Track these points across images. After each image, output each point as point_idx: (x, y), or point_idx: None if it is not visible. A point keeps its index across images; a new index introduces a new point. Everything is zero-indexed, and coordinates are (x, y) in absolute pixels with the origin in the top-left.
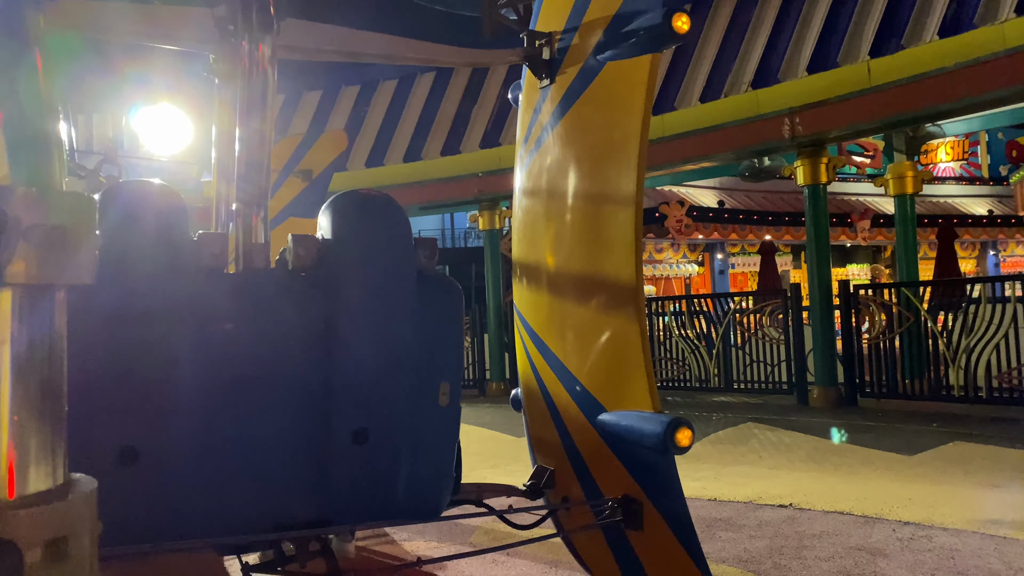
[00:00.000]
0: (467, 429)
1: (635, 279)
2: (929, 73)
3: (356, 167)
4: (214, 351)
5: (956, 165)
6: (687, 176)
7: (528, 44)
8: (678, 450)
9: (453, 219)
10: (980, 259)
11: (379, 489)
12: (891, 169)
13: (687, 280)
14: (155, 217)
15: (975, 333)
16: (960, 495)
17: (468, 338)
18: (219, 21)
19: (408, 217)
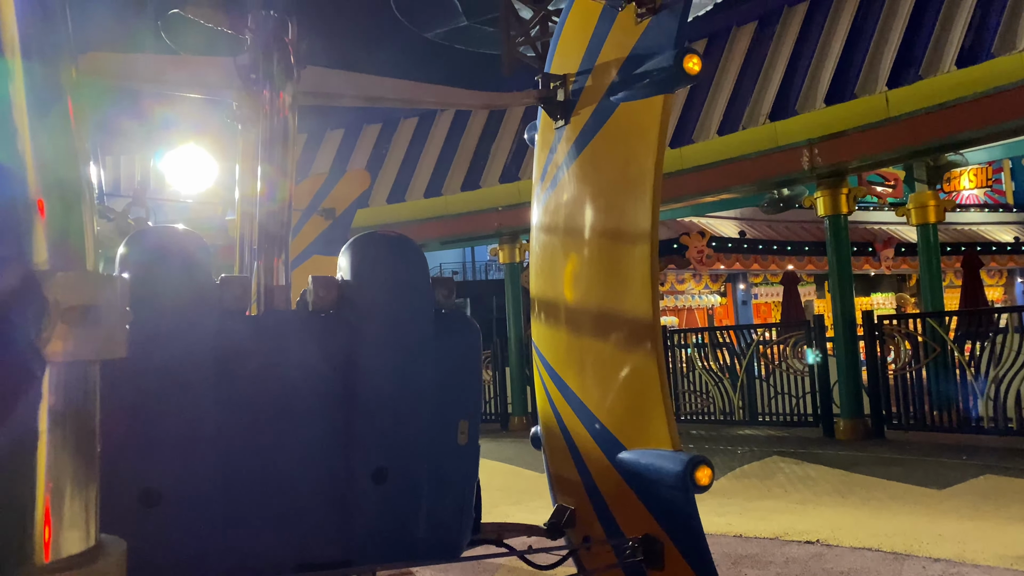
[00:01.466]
0: (489, 464)
1: (652, 314)
2: (948, 103)
3: (378, 203)
4: (236, 392)
5: (980, 192)
6: (708, 207)
7: (543, 86)
8: (698, 489)
9: (474, 252)
10: (1008, 287)
11: (399, 529)
12: (913, 199)
13: (710, 311)
14: (179, 261)
15: (1003, 363)
16: (992, 530)
17: (490, 372)
18: (241, 69)
19: (425, 256)
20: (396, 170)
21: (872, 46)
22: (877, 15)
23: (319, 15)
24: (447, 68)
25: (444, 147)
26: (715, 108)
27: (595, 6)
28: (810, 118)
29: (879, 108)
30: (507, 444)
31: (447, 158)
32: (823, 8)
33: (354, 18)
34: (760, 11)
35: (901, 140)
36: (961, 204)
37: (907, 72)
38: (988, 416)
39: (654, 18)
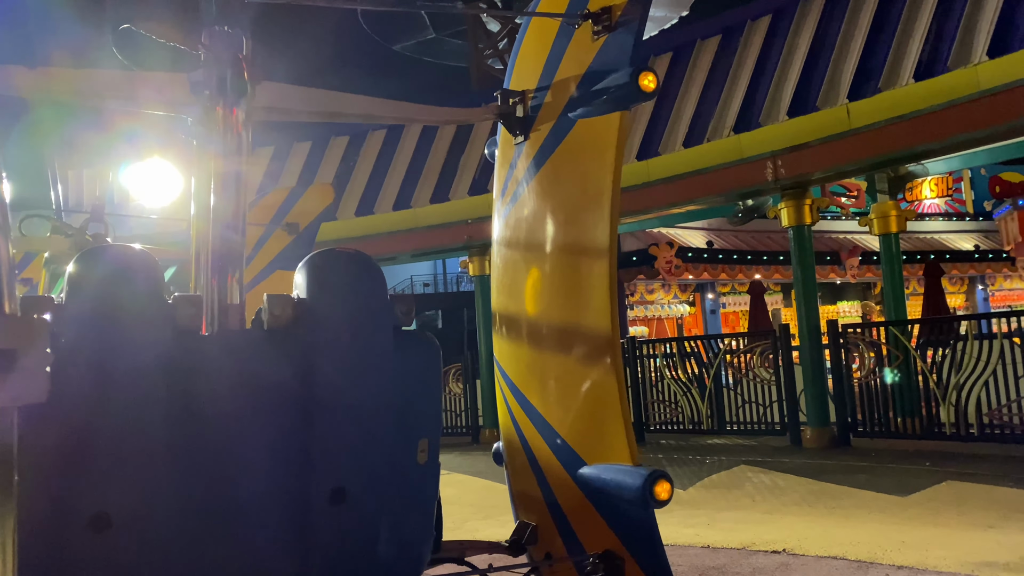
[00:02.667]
0: (461, 478)
1: (611, 329)
2: (906, 115)
3: (346, 216)
4: (188, 413)
5: (941, 201)
6: (676, 218)
7: (502, 102)
8: (657, 504)
9: (445, 264)
10: (969, 294)
11: (358, 550)
12: (874, 209)
13: (679, 320)
14: (129, 280)
15: (964, 370)
16: (954, 537)
17: (460, 384)
18: (195, 86)
19: (383, 273)
20: (365, 183)
21: (833, 60)
22: (838, 29)
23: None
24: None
25: (413, 159)
26: (681, 121)
27: (553, 23)
28: (773, 130)
29: (840, 120)
30: (478, 458)
31: (416, 170)
32: (785, 22)
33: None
34: (724, 25)
35: (862, 152)
36: (923, 213)
37: (867, 85)
38: (950, 422)
39: (610, 35)
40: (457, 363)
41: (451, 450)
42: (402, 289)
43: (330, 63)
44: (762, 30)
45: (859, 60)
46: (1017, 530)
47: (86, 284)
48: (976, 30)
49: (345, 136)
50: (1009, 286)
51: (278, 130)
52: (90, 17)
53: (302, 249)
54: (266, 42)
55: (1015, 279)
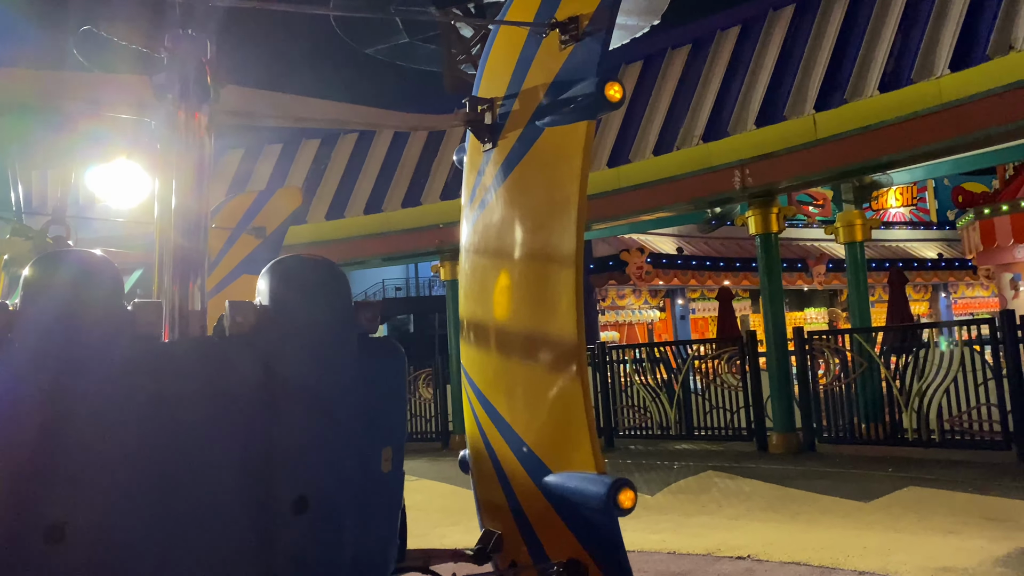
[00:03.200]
0: (429, 484)
1: (577, 337)
2: (871, 126)
3: (316, 219)
4: (148, 422)
5: (906, 210)
6: (646, 224)
7: (471, 109)
8: (621, 512)
9: (417, 268)
10: (932, 301)
11: (320, 559)
12: (840, 218)
13: (649, 326)
14: (86, 287)
15: (926, 377)
16: (914, 542)
17: (431, 389)
18: (157, 89)
19: (347, 279)
20: (336, 186)
21: (800, 70)
22: (805, 40)
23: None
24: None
25: (385, 163)
26: (651, 128)
27: (522, 31)
28: (741, 139)
29: (807, 130)
30: (448, 463)
31: (388, 174)
32: (754, 33)
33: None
34: (694, 35)
35: (828, 161)
36: (888, 222)
37: (833, 96)
38: (912, 429)
39: (577, 45)
40: (428, 368)
41: (420, 456)
42: (373, 293)
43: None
44: (731, 41)
45: (826, 71)
46: (976, 535)
47: (42, 290)
48: (939, 44)
49: (316, 139)
50: (971, 294)
51: (248, 132)
52: (51, 18)
53: (269, 253)
54: (233, 45)
55: (977, 287)
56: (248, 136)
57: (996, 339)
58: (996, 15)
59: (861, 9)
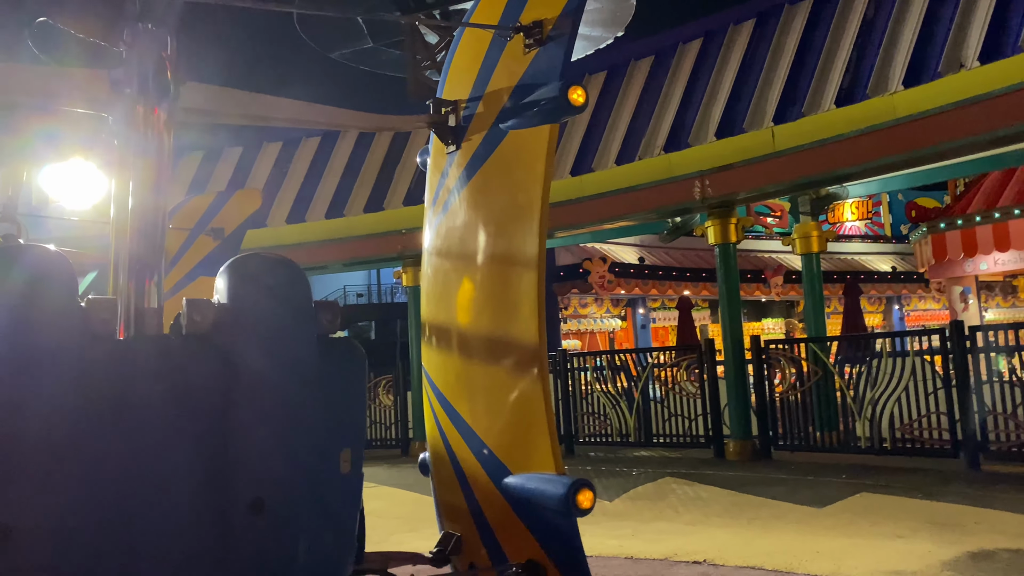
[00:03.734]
0: (389, 491)
1: (538, 341)
2: (828, 139)
3: (277, 223)
4: (101, 421)
5: (861, 224)
6: (609, 233)
7: (435, 111)
8: (579, 512)
9: (379, 275)
10: (886, 313)
11: (277, 561)
12: (797, 229)
13: (611, 334)
14: (39, 283)
15: (879, 386)
16: (866, 547)
17: (391, 396)
18: (115, 84)
19: (308, 279)
20: (297, 189)
21: (760, 84)
22: (764, 55)
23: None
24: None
25: (347, 167)
26: (614, 138)
27: (486, 34)
28: (702, 151)
29: (766, 143)
30: (408, 470)
31: (350, 179)
32: (715, 46)
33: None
34: (656, 46)
35: (785, 173)
36: (844, 235)
37: (792, 109)
38: (865, 436)
39: (541, 49)
40: (388, 375)
41: (380, 462)
42: (334, 299)
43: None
44: (693, 53)
45: (784, 85)
46: (925, 540)
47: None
48: (893, 61)
49: (278, 142)
50: (923, 306)
51: (208, 135)
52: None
53: (227, 255)
54: (194, 42)
55: (929, 300)
56: (207, 138)
57: (946, 349)
58: (948, 34)
59: (819, 25)
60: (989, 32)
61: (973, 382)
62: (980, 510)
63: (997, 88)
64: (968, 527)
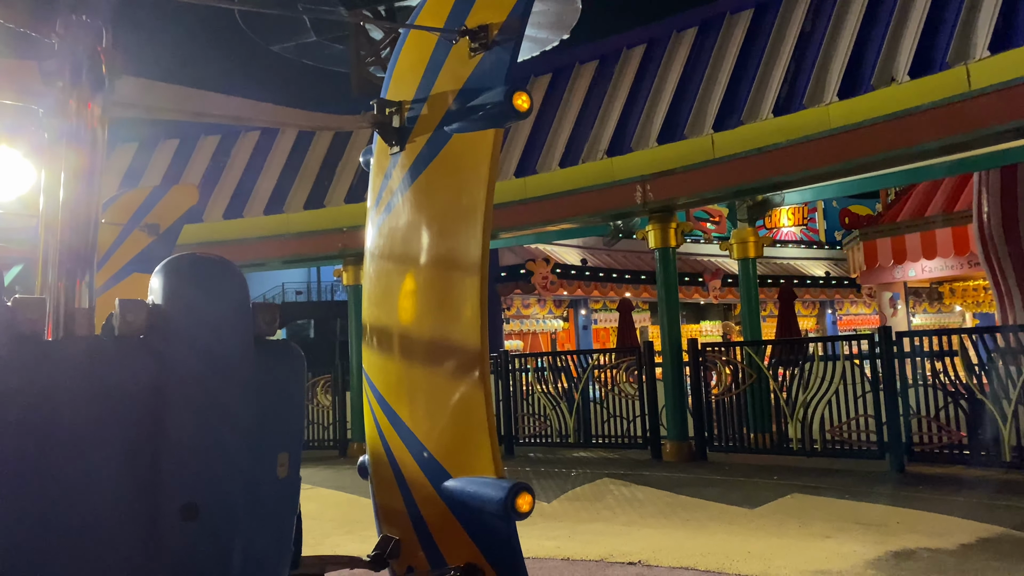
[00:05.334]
0: (324, 493)
1: (480, 344)
2: (765, 148)
3: (214, 218)
4: (27, 426)
5: (797, 230)
6: (552, 235)
7: (379, 111)
8: (518, 516)
9: (319, 272)
10: (820, 317)
11: (211, 567)
12: (734, 235)
13: (553, 335)
14: None
15: (811, 389)
16: (795, 547)
17: (329, 396)
18: (46, 76)
19: (245, 280)
20: (235, 184)
21: (701, 91)
22: (706, 62)
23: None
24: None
25: (287, 163)
26: (558, 141)
27: (432, 35)
28: (643, 155)
29: (705, 149)
30: (345, 472)
31: (290, 174)
32: (658, 52)
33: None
34: (601, 51)
35: (724, 180)
36: (780, 240)
37: (731, 117)
38: (797, 438)
39: (487, 53)
40: (327, 374)
41: (317, 463)
42: (273, 297)
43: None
44: (637, 59)
45: (724, 93)
46: (851, 540)
47: None
48: (829, 72)
49: (216, 135)
50: (855, 311)
51: (143, 126)
52: None
53: (162, 251)
54: (132, 34)
55: (860, 305)
56: (143, 130)
57: (875, 354)
58: (880, 48)
59: (759, 35)
60: (919, 48)
61: (899, 386)
62: (903, 510)
63: (924, 103)
64: (891, 527)
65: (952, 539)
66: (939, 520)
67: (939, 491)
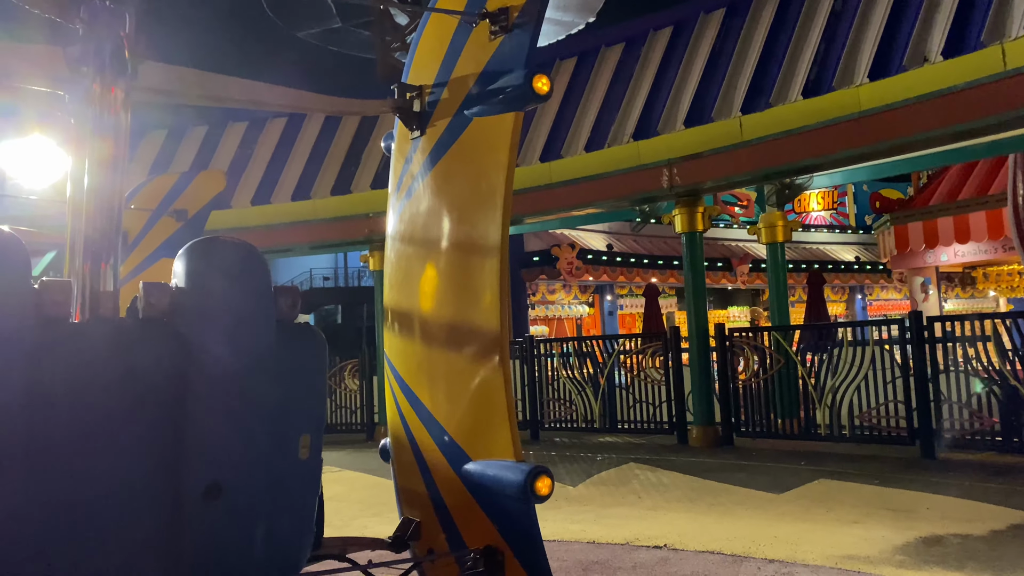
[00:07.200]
0: (351, 475)
1: (500, 328)
2: (794, 130)
3: (242, 205)
4: (53, 405)
5: (827, 214)
6: (578, 220)
7: (399, 96)
8: (538, 499)
9: (346, 258)
10: (849, 303)
11: (233, 546)
12: (763, 219)
13: (578, 321)
14: None
15: (839, 374)
16: (822, 532)
17: (356, 381)
18: (72, 62)
19: (267, 264)
20: (263, 171)
21: (728, 74)
22: (734, 45)
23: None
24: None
25: (314, 149)
26: (583, 125)
27: (452, 19)
28: (670, 139)
29: (733, 132)
30: (372, 455)
31: (317, 161)
32: (685, 34)
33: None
34: (627, 34)
35: (752, 163)
36: (809, 225)
37: (759, 100)
38: (825, 424)
39: (507, 36)
40: (354, 359)
41: (344, 447)
42: (300, 282)
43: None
44: (663, 41)
45: (753, 76)
46: (879, 525)
47: None
48: (859, 53)
49: (244, 122)
50: (885, 296)
51: (172, 113)
52: None
53: (190, 237)
54: (155, 21)
55: (891, 290)
56: (171, 117)
57: (905, 339)
58: (913, 28)
59: (788, 16)
60: (952, 27)
61: (930, 372)
62: (933, 496)
63: (958, 83)
64: (921, 513)
65: (983, 526)
66: (970, 506)
67: (970, 478)
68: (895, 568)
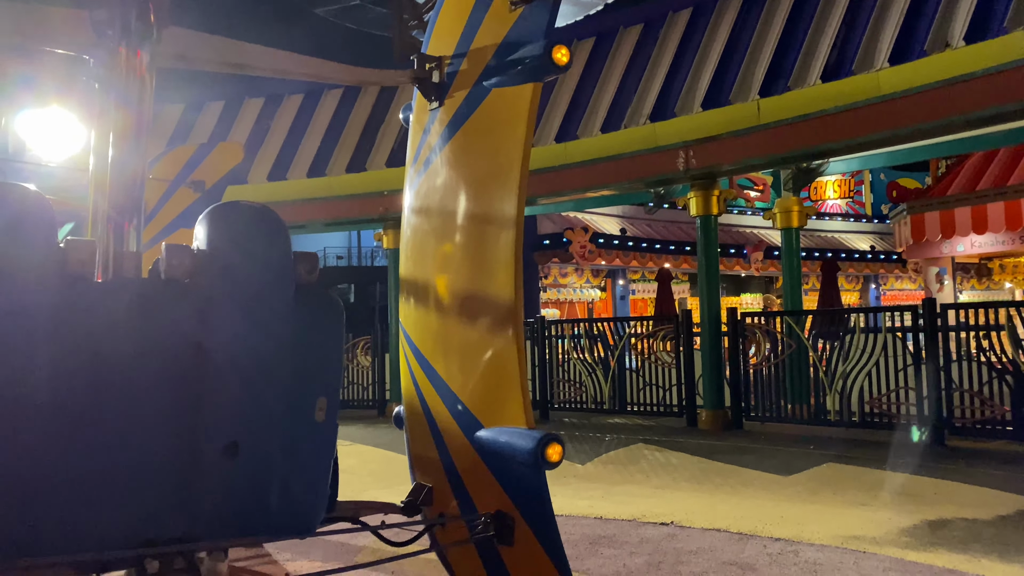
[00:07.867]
0: (363, 449)
1: (514, 299)
2: (812, 114)
3: (258, 180)
4: (77, 361)
5: (843, 202)
6: (590, 203)
7: (419, 66)
8: (548, 465)
9: (360, 237)
10: (864, 292)
11: (249, 504)
12: (778, 203)
13: (590, 304)
14: (17, 222)
15: (850, 360)
16: (828, 513)
17: (368, 357)
18: (97, 25)
19: (287, 228)
20: (279, 147)
21: (747, 56)
22: (753, 28)
23: None
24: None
25: (330, 126)
26: (600, 106)
27: None
28: (687, 121)
29: (751, 115)
30: (383, 430)
31: (333, 137)
32: (704, 16)
33: None
34: (646, 15)
35: (770, 147)
36: (825, 212)
37: (778, 83)
38: (835, 409)
39: (527, 7)
40: (367, 336)
41: (357, 422)
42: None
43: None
44: (682, 23)
45: (771, 59)
46: (885, 508)
47: None
48: (880, 38)
49: (260, 97)
50: (900, 286)
51: (190, 87)
52: None
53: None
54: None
55: (905, 280)
56: (189, 91)
57: (918, 327)
58: (935, 12)
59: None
60: (976, 12)
61: (943, 359)
62: (941, 482)
63: (980, 69)
64: (928, 497)
65: (990, 510)
66: (977, 492)
67: (979, 464)
68: (900, 549)
